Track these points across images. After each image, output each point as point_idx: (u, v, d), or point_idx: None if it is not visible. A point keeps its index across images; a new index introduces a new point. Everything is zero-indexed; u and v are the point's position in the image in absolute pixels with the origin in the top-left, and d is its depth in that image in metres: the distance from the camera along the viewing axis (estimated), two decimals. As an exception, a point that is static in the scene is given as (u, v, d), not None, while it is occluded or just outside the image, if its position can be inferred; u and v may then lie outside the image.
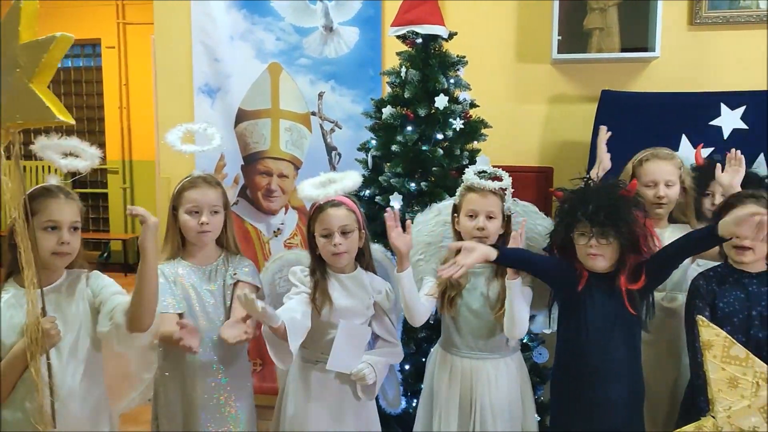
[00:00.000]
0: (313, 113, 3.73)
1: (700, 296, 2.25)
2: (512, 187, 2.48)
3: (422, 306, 2.34)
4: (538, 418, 2.77)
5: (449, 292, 2.40)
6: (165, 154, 3.90)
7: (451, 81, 2.97)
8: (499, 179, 2.41)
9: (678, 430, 1.95)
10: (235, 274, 2.43)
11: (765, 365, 1.90)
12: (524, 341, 2.77)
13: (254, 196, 3.81)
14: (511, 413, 2.39)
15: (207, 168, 3.22)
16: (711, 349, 1.92)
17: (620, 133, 3.16)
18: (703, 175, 2.82)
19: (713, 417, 1.91)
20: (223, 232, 2.47)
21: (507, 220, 2.42)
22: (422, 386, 2.57)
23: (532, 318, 2.43)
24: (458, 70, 3.01)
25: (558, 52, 3.42)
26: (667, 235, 2.52)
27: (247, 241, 3.78)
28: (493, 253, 2.20)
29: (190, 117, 3.72)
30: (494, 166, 2.54)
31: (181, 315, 2.34)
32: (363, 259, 2.48)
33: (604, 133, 2.85)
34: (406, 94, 2.92)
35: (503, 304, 2.34)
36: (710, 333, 1.93)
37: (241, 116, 3.78)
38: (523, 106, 3.60)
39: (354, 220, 2.39)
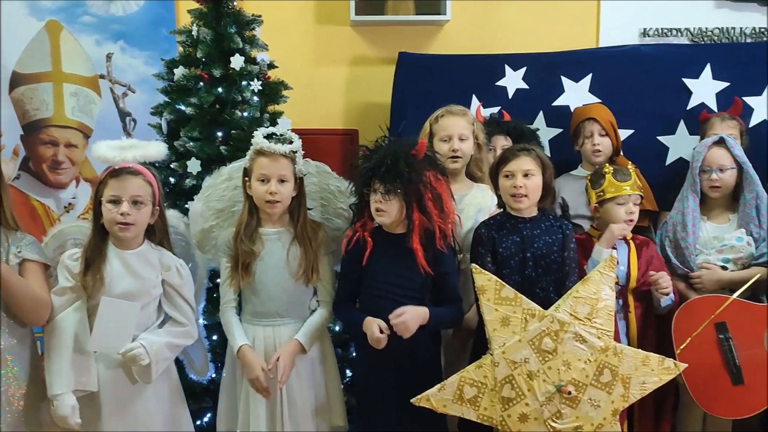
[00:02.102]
0: (102, 76, 3.47)
1: (482, 243, 2.39)
2: (314, 150, 2.46)
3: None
4: (351, 374, 2.85)
5: (245, 259, 2.33)
6: (-76, 125, 3.43)
7: (247, 41, 2.89)
8: (290, 142, 2.38)
9: (462, 369, 2.09)
10: (19, 251, 2.17)
11: (532, 303, 2.09)
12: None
13: (39, 169, 3.48)
14: (315, 374, 2.42)
15: (-23, 139, 2.87)
16: (485, 294, 2.07)
17: (418, 94, 3.30)
18: (486, 131, 3.00)
19: (491, 354, 2.07)
20: None
21: (300, 181, 2.41)
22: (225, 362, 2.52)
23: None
24: (254, 29, 2.93)
25: (356, 14, 3.45)
26: (472, 193, 2.66)
27: (34, 218, 3.45)
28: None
29: (-49, 81, 3.30)
30: (297, 130, 2.51)
31: None
32: (154, 236, 2.35)
33: None
34: (199, 54, 2.80)
35: (304, 268, 2.34)
36: (483, 279, 2.08)
37: (17, 80, 3.42)
38: (324, 67, 3.60)
39: (149, 193, 2.25)
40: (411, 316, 2.17)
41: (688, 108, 3.18)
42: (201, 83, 2.81)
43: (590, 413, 2.08)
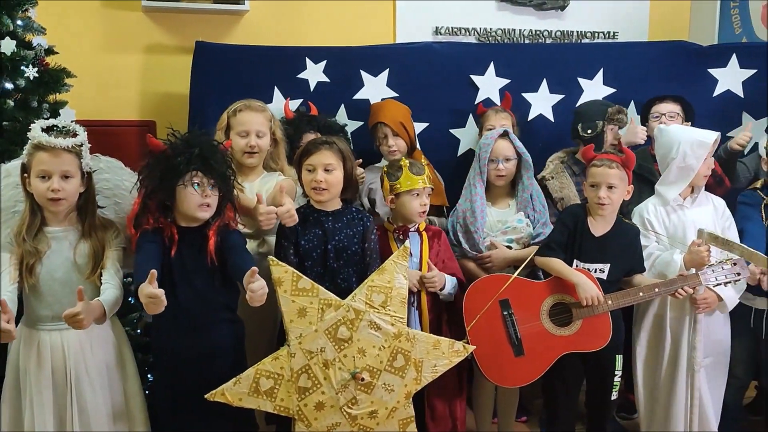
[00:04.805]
0: None
1: (285, 236, 2.40)
2: (109, 143, 2.36)
3: None
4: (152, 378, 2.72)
5: (27, 260, 2.14)
6: None
7: (19, 23, 2.63)
8: (74, 134, 2.21)
9: (259, 362, 2.08)
10: None
11: (329, 293, 2.13)
12: (132, 302, 2.67)
13: None
14: (110, 377, 2.28)
15: None
16: (281, 285, 2.08)
17: (218, 85, 3.21)
18: (296, 126, 3.01)
19: (288, 345, 2.08)
20: None
21: (87, 177, 2.25)
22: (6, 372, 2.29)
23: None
24: (27, 10, 2.68)
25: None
26: (258, 181, 2.66)
27: None
28: None
29: None
30: (85, 121, 2.35)
31: None
32: None
33: None
34: (-41, 37, 2.50)
35: (93, 266, 2.20)
36: (280, 271, 2.09)
37: None
38: (115, 55, 3.39)
39: None
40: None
41: (476, 102, 3.41)
42: (-37, 69, 2.51)
43: (384, 398, 2.17)
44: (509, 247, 2.77)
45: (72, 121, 2.35)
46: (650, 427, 2.80)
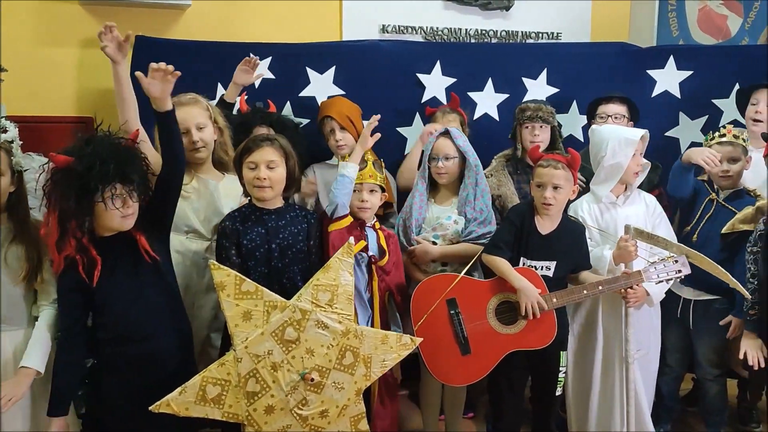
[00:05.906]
0: None
1: (227, 236, 2.35)
2: (42, 140, 2.28)
3: None
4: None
5: None
6: None
7: (-56, 14, 2.49)
8: (4, 130, 2.11)
9: (205, 369, 2.03)
10: None
11: (274, 294, 2.09)
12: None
13: None
14: (45, 384, 2.16)
15: None
16: (224, 289, 2.02)
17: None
18: (249, 120, 2.94)
19: (234, 350, 2.03)
20: None
21: (18, 176, 2.14)
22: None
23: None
24: (-50, 2, 2.54)
25: (85, -8, 3.16)
26: (224, 183, 2.61)
27: None
28: None
29: None
30: (17, 117, 2.32)
31: None
32: None
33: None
34: None
35: (27, 270, 2.10)
36: (222, 275, 2.03)
37: None
38: (50, 48, 3.26)
39: None
40: None
41: (422, 101, 3.42)
42: None
43: (335, 396, 2.15)
44: (434, 243, 2.76)
45: (3, 117, 2.25)
46: (580, 426, 2.85)
